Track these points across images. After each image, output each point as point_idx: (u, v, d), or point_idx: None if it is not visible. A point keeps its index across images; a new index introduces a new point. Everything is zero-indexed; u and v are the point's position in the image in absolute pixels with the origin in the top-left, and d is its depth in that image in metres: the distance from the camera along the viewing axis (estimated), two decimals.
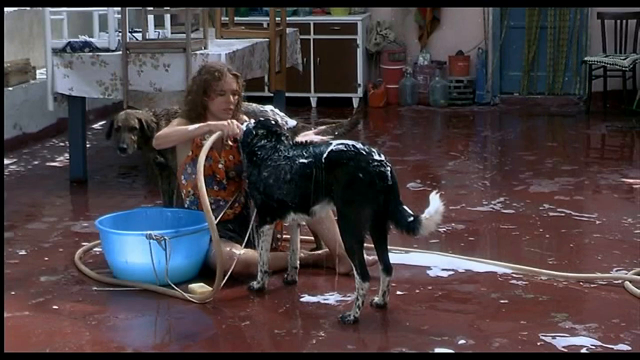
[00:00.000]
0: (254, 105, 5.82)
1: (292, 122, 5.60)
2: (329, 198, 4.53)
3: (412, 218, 4.37)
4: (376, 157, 4.43)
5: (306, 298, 4.75)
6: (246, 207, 5.15)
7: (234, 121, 4.94)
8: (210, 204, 4.78)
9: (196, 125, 5.00)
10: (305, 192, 4.58)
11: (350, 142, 4.53)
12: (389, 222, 4.46)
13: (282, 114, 5.75)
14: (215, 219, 4.77)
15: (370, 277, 4.45)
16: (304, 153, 4.61)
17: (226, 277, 4.69)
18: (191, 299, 4.66)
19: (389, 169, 4.43)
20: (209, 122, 5.00)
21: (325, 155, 4.50)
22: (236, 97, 5.15)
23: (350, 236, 4.46)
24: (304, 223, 5.05)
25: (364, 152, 4.44)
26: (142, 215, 5.33)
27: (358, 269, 4.42)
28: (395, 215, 4.41)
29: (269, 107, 5.81)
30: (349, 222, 4.44)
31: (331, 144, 4.56)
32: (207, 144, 4.86)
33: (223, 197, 5.10)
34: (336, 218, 4.65)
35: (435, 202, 4.33)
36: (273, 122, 4.95)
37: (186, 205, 5.21)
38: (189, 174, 5.12)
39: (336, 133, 5.43)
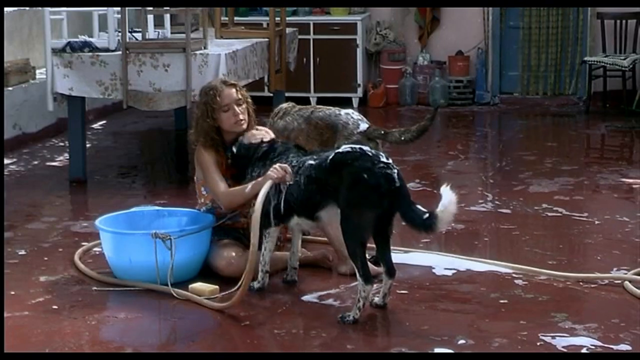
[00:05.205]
0: (331, 110, 5.43)
1: (363, 126, 5.29)
2: (334, 201, 4.50)
3: (427, 215, 4.31)
4: (382, 159, 4.40)
5: (306, 298, 4.75)
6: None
7: (280, 166, 4.68)
8: (226, 213, 5.05)
9: (250, 185, 4.78)
10: (310, 196, 4.57)
11: (357, 145, 4.52)
12: (403, 222, 4.39)
13: (356, 116, 5.36)
14: (225, 223, 5.02)
15: (373, 281, 4.45)
16: (314, 156, 4.62)
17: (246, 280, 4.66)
18: (210, 305, 4.61)
19: (395, 171, 4.39)
20: (259, 180, 4.74)
21: (330, 157, 4.48)
22: (243, 105, 5.02)
23: (352, 238, 4.42)
24: (307, 229, 5.05)
25: (370, 154, 4.42)
26: (140, 215, 5.31)
27: (360, 271, 4.39)
28: (409, 215, 4.35)
29: (344, 111, 5.39)
30: (352, 224, 4.41)
31: (340, 146, 4.55)
32: (261, 195, 4.61)
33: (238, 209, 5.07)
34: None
35: (447, 193, 4.28)
36: (247, 143, 4.91)
37: (202, 210, 5.18)
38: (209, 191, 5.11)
39: (402, 138, 5.29)
